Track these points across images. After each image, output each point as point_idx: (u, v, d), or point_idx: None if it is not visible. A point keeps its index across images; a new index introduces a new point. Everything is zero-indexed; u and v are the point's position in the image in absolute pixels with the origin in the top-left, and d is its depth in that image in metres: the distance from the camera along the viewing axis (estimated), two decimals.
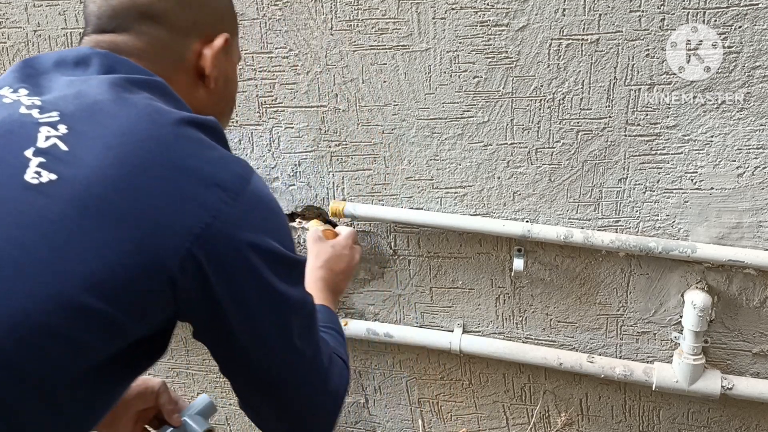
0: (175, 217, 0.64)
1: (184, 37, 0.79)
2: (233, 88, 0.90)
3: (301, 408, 0.80)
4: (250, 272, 0.69)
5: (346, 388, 0.87)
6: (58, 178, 0.62)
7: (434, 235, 1.59)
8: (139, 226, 0.63)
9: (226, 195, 0.67)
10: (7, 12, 1.63)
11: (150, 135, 0.66)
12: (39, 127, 0.65)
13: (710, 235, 1.42)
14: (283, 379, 0.77)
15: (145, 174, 0.64)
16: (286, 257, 0.74)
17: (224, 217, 0.66)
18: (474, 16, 1.39)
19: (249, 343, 0.73)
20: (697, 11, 1.29)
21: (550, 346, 1.61)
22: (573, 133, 1.42)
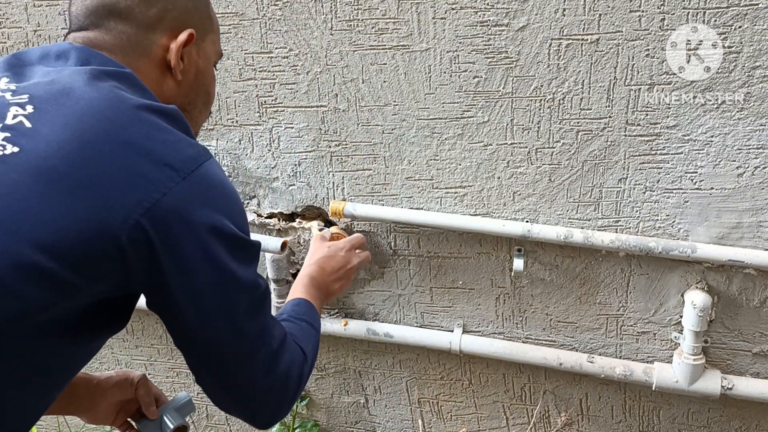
0: (126, 191, 0.70)
1: (150, 32, 0.85)
2: (207, 81, 0.94)
3: (246, 387, 0.83)
4: (197, 247, 0.73)
5: (299, 376, 0.88)
6: (19, 150, 0.69)
7: (434, 235, 1.59)
8: (91, 196, 0.68)
9: (176, 174, 0.72)
10: (7, 12, 1.63)
11: (108, 116, 0.72)
12: (9, 107, 0.72)
13: (710, 235, 1.42)
14: (226, 356, 0.80)
15: (99, 150, 0.70)
16: (236, 236, 0.77)
17: (173, 194, 0.71)
18: (474, 16, 1.39)
19: (193, 317, 0.76)
20: (697, 11, 1.29)
21: (550, 346, 1.61)
22: (573, 133, 1.42)
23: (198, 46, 0.90)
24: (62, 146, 0.69)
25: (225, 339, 0.79)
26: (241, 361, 0.81)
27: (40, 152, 0.69)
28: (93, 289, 0.72)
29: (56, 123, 0.71)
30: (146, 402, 1.06)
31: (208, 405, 1.98)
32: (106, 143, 0.71)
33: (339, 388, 1.84)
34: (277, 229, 1.67)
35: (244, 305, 0.79)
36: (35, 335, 0.70)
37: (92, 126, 0.71)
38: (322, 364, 1.82)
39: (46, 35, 1.62)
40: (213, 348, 0.79)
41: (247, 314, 0.80)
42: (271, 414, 0.87)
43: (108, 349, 1.98)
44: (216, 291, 0.76)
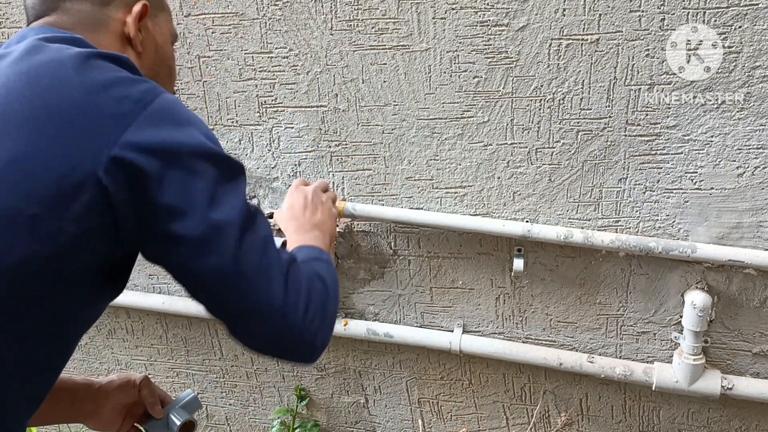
0: (92, 128, 0.71)
1: (105, 8, 0.89)
2: (167, 56, 0.97)
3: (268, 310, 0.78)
4: (176, 169, 0.73)
5: (322, 295, 0.83)
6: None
7: (434, 235, 1.59)
8: (60, 139, 0.70)
9: (137, 105, 0.73)
10: (7, 12, 1.63)
11: (61, 63, 0.74)
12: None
13: (710, 235, 1.42)
14: (234, 282, 0.76)
15: (58, 93, 0.72)
16: (214, 151, 0.76)
17: (139, 124, 0.72)
18: (474, 16, 1.39)
19: (190, 245, 0.74)
20: (697, 11, 1.29)
21: (550, 346, 1.61)
22: (573, 133, 1.42)
23: (153, 21, 0.94)
24: (20, 93, 0.72)
25: (227, 261, 0.75)
26: (253, 282, 0.76)
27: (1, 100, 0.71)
28: (85, 240, 0.72)
29: (10, 76, 0.74)
30: (151, 402, 1.06)
31: (208, 405, 1.98)
32: (65, 87, 0.72)
33: (339, 388, 1.84)
34: (277, 229, 1.67)
35: (238, 219, 0.76)
36: (33, 292, 0.71)
37: (47, 72, 0.73)
38: (322, 364, 1.82)
39: None
40: (218, 276, 0.76)
41: (244, 229, 0.77)
42: (307, 340, 0.81)
43: (108, 349, 1.98)
44: (207, 209, 0.74)
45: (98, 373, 2.03)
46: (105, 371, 2.02)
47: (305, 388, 1.87)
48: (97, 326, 1.96)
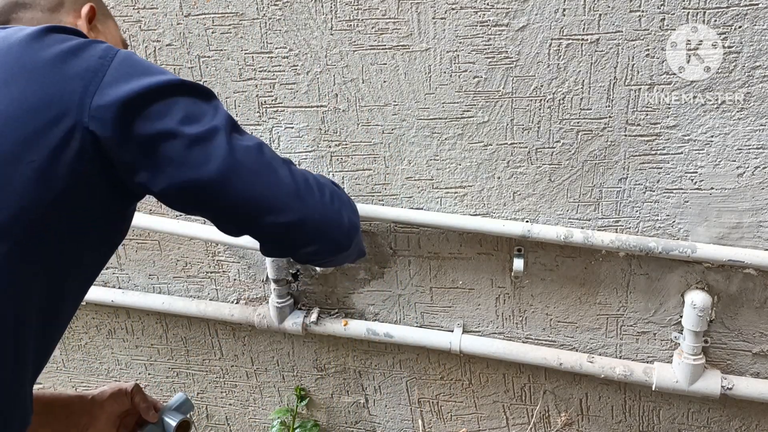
0: (71, 81, 0.76)
1: (56, 13, 0.93)
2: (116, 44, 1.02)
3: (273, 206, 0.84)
4: (158, 102, 0.78)
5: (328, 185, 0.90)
6: None
7: (434, 235, 1.59)
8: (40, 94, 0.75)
9: (103, 60, 0.78)
10: None
11: (28, 35, 0.79)
12: None
13: (710, 235, 1.42)
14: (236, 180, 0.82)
15: (33, 58, 0.77)
16: (181, 82, 0.82)
17: (111, 74, 0.78)
18: (474, 16, 1.39)
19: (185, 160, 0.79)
20: (697, 11, 1.29)
21: (550, 346, 1.61)
22: (573, 133, 1.42)
23: (103, 24, 0.98)
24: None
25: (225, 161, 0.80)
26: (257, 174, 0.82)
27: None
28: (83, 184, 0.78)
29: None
30: (144, 407, 1.07)
31: (208, 405, 1.98)
32: (37, 53, 0.77)
33: (339, 388, 1.84)
34: None
35: (222, 126, 0.82)
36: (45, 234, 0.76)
37: (18, 45, 0.78)
38: (322, 364, 1.82)
39: None
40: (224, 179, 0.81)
41: (231, 133, 0.83)
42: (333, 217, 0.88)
43: (108, 349, 1.98)
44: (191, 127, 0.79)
45: (98, 373, 2.03)
46: (105, 371, 2.02)
47: (305, 388, 1.87)
48: (97, 326, 1.96)
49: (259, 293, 1.78)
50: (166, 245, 1.79)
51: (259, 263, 1.74)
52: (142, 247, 1.81)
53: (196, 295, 1.83)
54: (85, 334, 1.98)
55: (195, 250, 1.78)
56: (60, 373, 2.07)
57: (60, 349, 2.03)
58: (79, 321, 1.97)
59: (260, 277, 1.76)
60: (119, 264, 1.85)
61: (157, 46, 1.57)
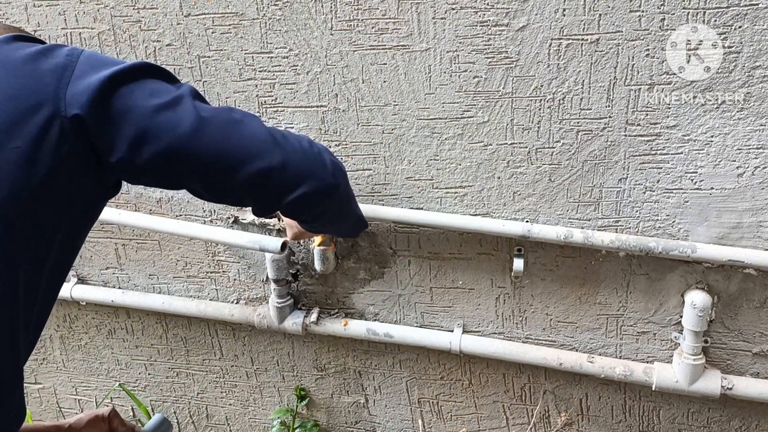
0: (44, 77, 0.81)
1: None
2: None
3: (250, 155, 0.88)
4: (124, 85, 0.84)
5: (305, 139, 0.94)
6: None
7: (434, 235, 1.59)
8: (19, 88, 0.80)
9: (70, 57, 0.84)
10: (7, 12, 1.63)
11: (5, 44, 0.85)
12: None
13: (710, 235, 1.42)
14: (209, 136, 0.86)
15: (3, 62, 0.82)
16: (142, 65, 0.87)
17: (80, 68, 0.83)
18: (474, 16, 1.39)
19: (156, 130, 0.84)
20: (697, 11, 1.29)
21: (550, 346, 1.61)
22: (573, 133, 1.42)
23: None
24: None
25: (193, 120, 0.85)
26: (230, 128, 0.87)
27: None
28: (66, 168, 0.82)
29: None
30: (122, 431, 1.08)
31: (208, 405, 1.98)
32: (9, 58, 0.82)
33: (339, 388, 1.84)
34: (277, 229, 1.67)
35: (186, 92, 0.87)
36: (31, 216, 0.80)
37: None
38: (322, 364, 1.82)
39: (46, 35, 1.62)
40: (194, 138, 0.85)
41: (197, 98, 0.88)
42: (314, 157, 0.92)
43: (108, 349, 1.98)
44: (156, 101, 0.84)
45: (98, 373, 2.03)
46: (105, 371, 2.02)
47: (305, 388, 1.87)
48: (97, 326, 1.96)
49: (259, 293, 1.78)
50: (166, 245, 1.79)
51: (259, 263, 1.74)
52: (142, 247, 1.81)
53: (196, 295, 1.83)
54: (85, 334, 1.98)
55: (195, 250, 1.78)
56: (60, 373, 2.07)
57: (60, 349, 2.03)
58: (79, 321, 1.97)
59: (260, 277, 1.76)
60: (119, 264, 1.85)
61: (157, 46, 1.57)
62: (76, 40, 1.61)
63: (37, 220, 0.81)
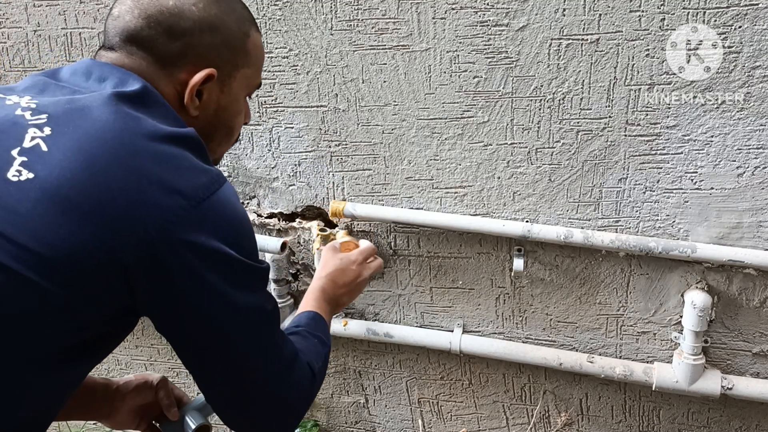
0: (135, 218, 0.71)
1: (170, 66, 0.84)
2: (229, 116, 0.92)
3: (252, 405, 0.84)
4: (199, 276, 0.74)
5: (307, 394, 0.89)
6: (34, 177, 0.70)
7: (434, 235, 1.59)
8: (100, 225, 0.70)
9: (186, 202, 0.73)
10: (7, 12, 1.63)
11: (121, 142, 0.73)
12: (27, 129, 0.73)
13: (710, 235, 1.42)
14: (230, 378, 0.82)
15: (111, 177, 0.71)
16: (241, 263, 0.78)
17: (182, 223, 0.72)
18: (474, 16, 1.39)
19: (196, 343, 0.79)
20: (697, 11, 1.29)
21: (550, 346, 1.61)
22: (573, 133, 1.42)
23: (222, 83, 0.88)
24: (75, 174, 0.70)
25: (228, 363, 0.80)
26: (246, 381, 0.82)
27: (54, 180, 0.70)
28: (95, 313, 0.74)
29: (70, 148, 0.72)
30: (166, 404, 1.06)
31: None
32: (118, 171, 0.71)
33: (339, 388, 1.84)
34: (277, 229, 1.67)
35: (247, 329, 0.80)
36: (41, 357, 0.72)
37: (104, 153, 0.72)
38: None
39: (46, 35, 1.62)
40: (217, 370, 0.81)
41: (251, 338, 0.81)
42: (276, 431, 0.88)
43: None
44: (220, 317, 0.77)
45: (97, 372, 2.03)
46: (105, 371, 2.02)
47: None
48: None
49: None
50: None
51: None
52: None
53: None
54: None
55: None
56: None
57: None
58: None
59: None
60: None
61: None
62: (76, 39, 1.61)
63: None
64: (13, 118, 0.75)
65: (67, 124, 0.73)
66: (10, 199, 0.70)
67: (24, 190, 0.70)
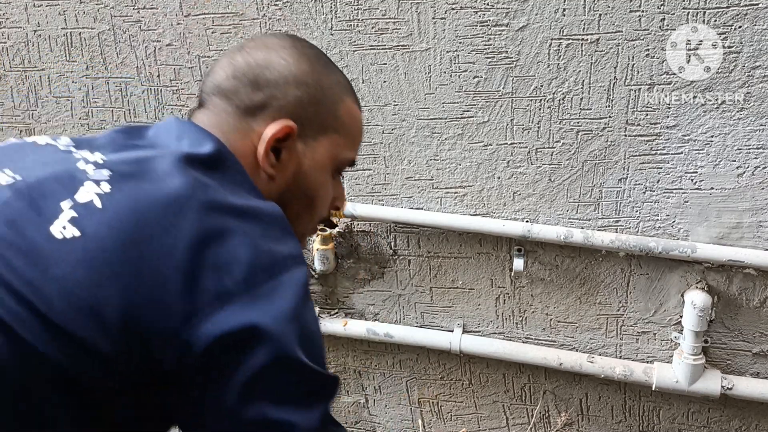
0: (184, 298, 0.62)
1: (251, 117, 0.78)
2: (311, 185, 0.82)
3: None
4: (248, 377, 0.63)
5: None
6: (80, 236, 0.62)
7: (434, 235, 1.59)
8: (145, 300, 0.61)
9: (242, 286, 0.63)
10: (7, 12, 1.63)
11: (181, 209, 0.64)
12: (84, 182, 0.66)
13: (710, 235, 1.42)
14: None
15: (163, 252, 0.62)
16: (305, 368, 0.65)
17: (234, 308, 0.62)
18: (474, 16, 1.39)
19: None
20: (697, 11, 1.29)
21: (550, 346, 1.61)
22: (573, 133, 1.42)
23: (305, 144, 0.80)
24: (124, 239, 0.62)
25: None
26: None
27: (100, 242, 0.62)
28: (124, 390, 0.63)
29: (124, 207, 0.64)
30: None
31: None
32: (172, 245, 0.62)
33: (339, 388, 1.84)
34: None
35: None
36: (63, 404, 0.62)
37: (160, 219, 0.63)
38: None
39: (46, 35, 1.62)
40: None
41: None
42: None
43: None
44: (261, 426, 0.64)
45: None
46: None
47: None
48: None
49: None
50: None
51: None
52: None
53: None
54: None
55: None
56: None
57: None
58: None
59: None
60: None
61: (157, 46, 1.57)
62: (76, 40, 1.61)
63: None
64: (73, 170, 0.68)
65: (128, 182, 0.66)
66: (50, 257, 0.61)
67: (66, 248, 0.61)
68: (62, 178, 0.67)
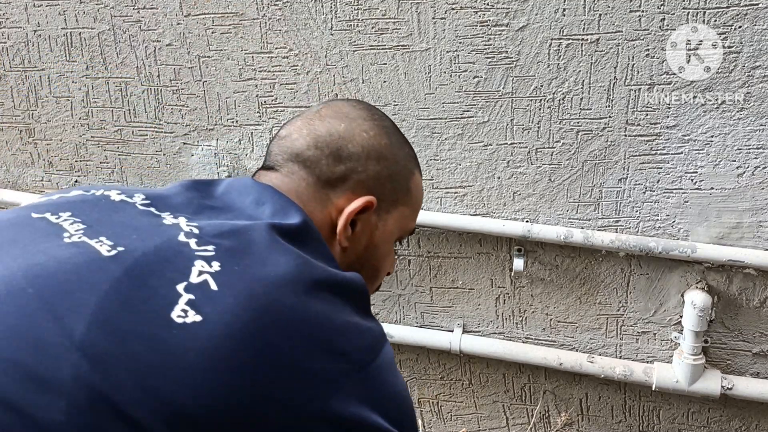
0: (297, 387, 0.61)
1: (329, 189, 0.79)
2: (377, 256, 0.84)
3: None
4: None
5: None
6: (203, 321, 0.60)
7: (434, 235, 1.59)
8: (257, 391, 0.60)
9: (350, 367, 0.63)
10: (7, 12, 1.63)
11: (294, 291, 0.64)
12: (194, 260, 0.64)
13: (710, 235, 1.42)
14: None
15: (279, 332, 0.61)
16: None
17: (345, 391, 0.63)
18: (474, 16, 1.39)
19: None
20: (697, 11, 1.29)
21: (550, 346, 1.61)
22: (573, 133, 1.42)
23: (379, 217, 0.82)
24: (243, 328, 0.60)
25: None
26: None
27: (222, 329, 0.59)
28: None
29: (241, 292, 0.62)
30: None
31: None
32: (287, 324, 0.62)
33: None
34: None
35: None
36: None
37: (276, 303, 0.62)
38: None
39: (46, 35, 1.62)
40: None
41: None
42: None
43: None
44: None
45: None
46: None
47: None
48: None
49: None
50: None
51: None
52: None
53: None
54: None
55: None
56: None
57: None
58: None
59: None
60: None
61: (157, 46, 1.57)
62: (76, 39, 1.61)
63: None
64: (177, 245, 0.65)
65: (236, 261, 0.64)
66: (172, 345, 0.58)
67: (190, 334, 0.58)
68: (168, 254, 0.64)
